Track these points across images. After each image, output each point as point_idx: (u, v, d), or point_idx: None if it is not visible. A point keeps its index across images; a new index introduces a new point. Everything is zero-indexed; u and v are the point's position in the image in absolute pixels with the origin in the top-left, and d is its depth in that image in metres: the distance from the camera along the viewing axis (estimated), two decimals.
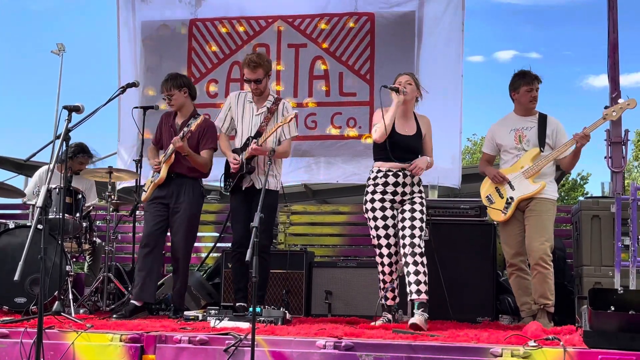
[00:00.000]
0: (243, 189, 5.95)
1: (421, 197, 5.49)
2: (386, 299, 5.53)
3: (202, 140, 6.06)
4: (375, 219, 5.46)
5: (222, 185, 6.15)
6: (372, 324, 5.30)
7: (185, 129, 5.92)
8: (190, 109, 6.19)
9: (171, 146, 5.94)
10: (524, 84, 5.85)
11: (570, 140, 5.65)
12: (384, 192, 5.44)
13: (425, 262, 5.29)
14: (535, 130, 5.78)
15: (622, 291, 4.15)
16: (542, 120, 5.81)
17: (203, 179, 6.26)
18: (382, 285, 5.54)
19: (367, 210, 5.51)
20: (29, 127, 55.65)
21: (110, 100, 5.49)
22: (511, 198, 5.76)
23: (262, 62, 5.92)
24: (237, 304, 5.89)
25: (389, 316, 5.47)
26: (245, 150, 5.90)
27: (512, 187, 5.76)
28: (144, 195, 6.25)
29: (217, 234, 8.64)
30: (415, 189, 5.49)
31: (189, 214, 6.01)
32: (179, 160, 5.99)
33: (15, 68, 55.80)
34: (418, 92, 5.64)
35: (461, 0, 7.43)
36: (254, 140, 5.82)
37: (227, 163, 6.10)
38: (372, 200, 5.48)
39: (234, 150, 6.05)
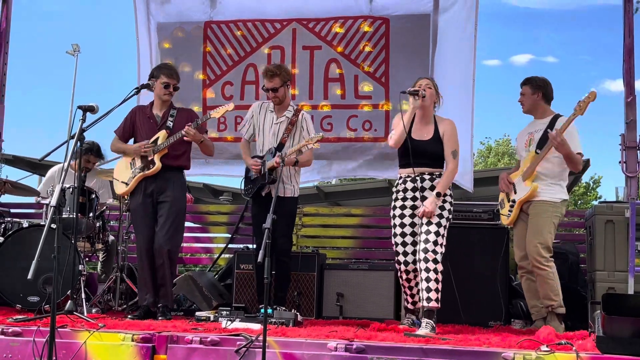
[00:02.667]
0: (263, 194, 6.06)
1: (443, 202, 5.35)
2: (407, 302, 5.59)
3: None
4: (394, 226, 5.54)
5: (242, 188, 6.26)
6: (399, 326, 5.35)
7: (172, 128, 5.95)
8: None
9: (161, 137, 5.90)
10: None
11: (549, 143, 5.64)
12: (404, 199, 5.51)
13: (438, 269, 5.20)
14: (541, 132, 5.77)
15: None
16: (553, 121, 5.79)
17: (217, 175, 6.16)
18: (407, 291, 5.59)
19: (391, 217, 5.59)
20: (43, 127, 56.03)
21: (124, 100, 5.53)
22: (513, 201, 5.82)
23: (279, 71, 6.06)
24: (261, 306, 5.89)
25: (413, 317, 5.51)
26: (268, 161, 6.01)
27: (515, 190, 5.83)
28: (124, 188, 6.02)
29: (229, 235, 8.65)
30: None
31: (177, 208, 5.91)
32: (168, 152, 5.92)
33: (31, 68, 56.22)
34: (437, 96, 5.61)
35: (475, 3, 7.39)
36: (278, 154, 5.89)
37: (247, 169, 6.26)
38: (394, 207, 5.56)
39: (256, 157, 6.18)
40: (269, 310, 5.12)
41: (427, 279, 5.19)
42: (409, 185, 5.47)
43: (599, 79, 56.64)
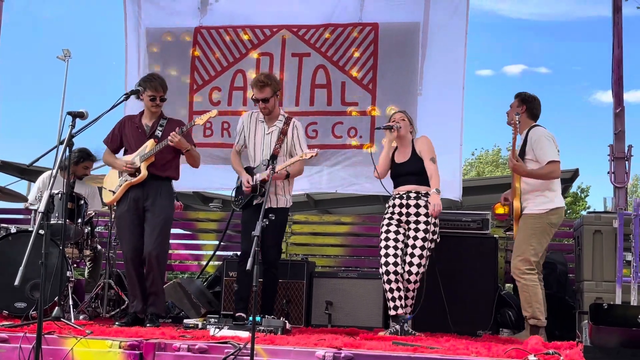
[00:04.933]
0: (254, 204, 6.06)
1: (426, 224, 5.71)
2: (390, 309, 5.64)
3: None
4: (380, 233, 5.81)
5: (233, 198, 6.28)
6: (381, 334, 5.37)
7: (158, 133, 5.94)
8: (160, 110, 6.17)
9: (149, 146, 5.89)
10: None
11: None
12: (392, 213, 5.82)
13: (417, 287, 5.67)
14: (520, 148, 5.81)
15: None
16: (527, 135, 5.82)
17: (207, 188, 6.18)
18: (389, 295, 5.65)
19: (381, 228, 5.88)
20: (32, 132, 55.87)
21: (114, 106, 5.51)
22: (511, 217, 5.91)
23: (269, 81, 6.05)
24: (237, 314, 5.88)
25: (397, 327, 5.54)
26: (259, 172, 6.02)
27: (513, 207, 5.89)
28: (111, 196, 6.03)
29: (219, 242, 8.63)
30: (422, 210, 5.72)
31: (166, 216, 5.90)
32: (156, 161, 5.91)
33: (24, 73, 56.13)
34: (411, 126, 6.02)
35: (465, 12, 7.43)
36: (270, 167, 5.88)
37: (239, 178, 6.25)
38: (382, 219, 5.87)
39: (247, 169, 6.18)
40: (257, 318, 5.11)
41: (414, 290, 5.66)
42: (397, 202, 5.83)
43: (590, 90, 57.16)
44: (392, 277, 5.60)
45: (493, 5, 46.07)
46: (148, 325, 5.63)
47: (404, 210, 5.76)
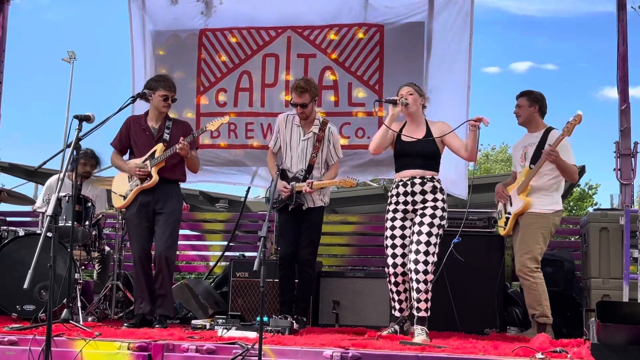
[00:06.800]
0: (289, 209, 6.09)
1: (434, 208, 5.34)
2: (394, 309, 5.56)
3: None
4: (385, 229, 5.52)
5: (270, 200, 6.26)
6: (379, 333, 5.30)
7: (174, 141, 5.91)
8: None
9: (158, 150, 5.90)
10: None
11: (542, 158, 5.72)
12: (396, 203, 5.47)
13: (428, 279, 5.19)
14: (535, 146, 5.84)
15: None
16: (545, 135, 5.85)
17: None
18: (395, 297, 5.55)
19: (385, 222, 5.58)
20: (39, 134, 56.03)
21: (120, 109, 5.53)
22: (509, 213, 5.95)
23: (309, 87, 6.10)
24: (281, 316, 5.90)
25: (396, 327, 5.46)
26: (297, 183, 6.05)
27: (511, 203, 5.95)
28: (122, 201, 6.04)
29: (226, 243, 8.64)
30: (429, 197, 5.35)
31: (175, 219, 5.94)
32: (165, 164, 5.93)
33: (30, 76, 56.28)
34: (422, 99, 5.62)
35: (470, 11, 7.41)
36: (308, 181, 5.99)
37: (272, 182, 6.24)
38: (387, 212, 5.55)
39: (283, 176, 6.16)
40: (265, 319, 5.13)
41: (417, 290, 5.17)
42: (401, 189, 5.44)
43: (597, 86, 56.97)
44: (399, 278, 5.41)
45: (499, 2, 45.96)
46: (156, 326, 5.65)
47: (409, 198, 5.37)
